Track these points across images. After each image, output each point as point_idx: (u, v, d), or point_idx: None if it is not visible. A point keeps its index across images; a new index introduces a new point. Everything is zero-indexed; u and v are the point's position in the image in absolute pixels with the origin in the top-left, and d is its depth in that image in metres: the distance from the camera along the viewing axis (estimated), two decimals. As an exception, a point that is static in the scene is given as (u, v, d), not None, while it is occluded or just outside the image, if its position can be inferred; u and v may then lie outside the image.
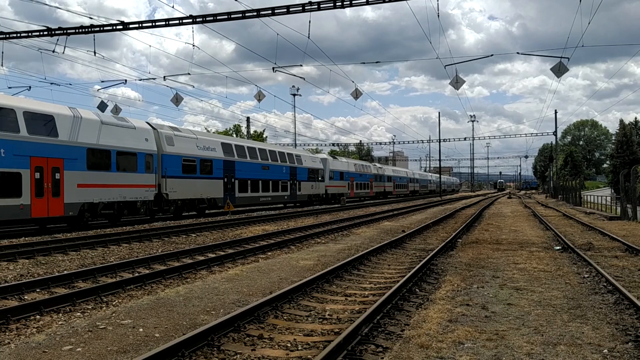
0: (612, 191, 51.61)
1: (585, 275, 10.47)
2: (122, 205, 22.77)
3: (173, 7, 28.32)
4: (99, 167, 21.43)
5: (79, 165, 20.40)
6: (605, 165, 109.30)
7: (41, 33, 21.94)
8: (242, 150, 33.00)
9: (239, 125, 73.17)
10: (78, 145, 20.42)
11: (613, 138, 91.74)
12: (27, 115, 18.50)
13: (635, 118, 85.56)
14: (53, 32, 21.68)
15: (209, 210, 29.91)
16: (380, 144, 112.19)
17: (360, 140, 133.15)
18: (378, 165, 72.19)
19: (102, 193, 21.51)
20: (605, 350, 5.73)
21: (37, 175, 18.53)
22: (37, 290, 9.25)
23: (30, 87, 44.58)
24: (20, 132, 18.09)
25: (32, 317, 7.39)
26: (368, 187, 59.20)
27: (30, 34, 22.30)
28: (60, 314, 7.64)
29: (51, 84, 32.70)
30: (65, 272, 10.72)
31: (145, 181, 23.86)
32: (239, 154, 32.29)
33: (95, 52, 23.39)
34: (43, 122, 19.18)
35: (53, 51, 22.53)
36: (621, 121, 75.70)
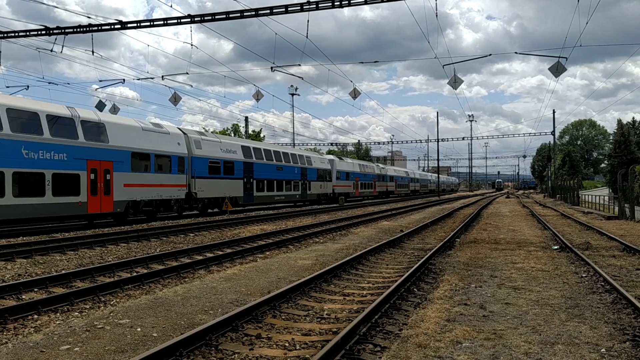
0: (610, 191, 51.69)
1: (583, 275, 10.48)
2: (159, 203, 25.09)
3: (171, 6, 28.44)
4: (140, 169, 23.93)
5: (125, 167, 22.88)
6: (603, 165, 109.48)
7: (39, 32, 21.89)
8: (259, 152, 35.35)
9: (237, 125, 73.16)
10: (124, 149, 22.90)
11: (611, 138, 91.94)
12: (83, 123, 21.05)
13: (633, 118, 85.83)
14: (51, 32, 21.64)
15: (232, 208, 32.08)
16: (379, 143, 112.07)
17: (359, 140, 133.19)
18: (381, 165, 73.81)
19: (143, 192, 23.93)
20: (602, 350, 5.74)
21: (92, 176, 21.10)
22: (35, 289, 9.24)
23: (28, 86, 44.55)
24: (79, 138, 20.64)
25: (29, 317, 7.38)
26: (372, 187, 61.15)
27: (28, 33, 22.26)
28: (58, 314, 7.63)
29: (49, 83, 32.66)
30: (63, 271, 10.71)
31: (177, 181, 26.37)
32: (256, 156, 34.61)
33: (93, 52, 23.34)
34: (96, 129, 21.80)
35: (51, 50, 22.50)
36: (619, 121, 75.78)
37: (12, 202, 17.64)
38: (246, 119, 59.33)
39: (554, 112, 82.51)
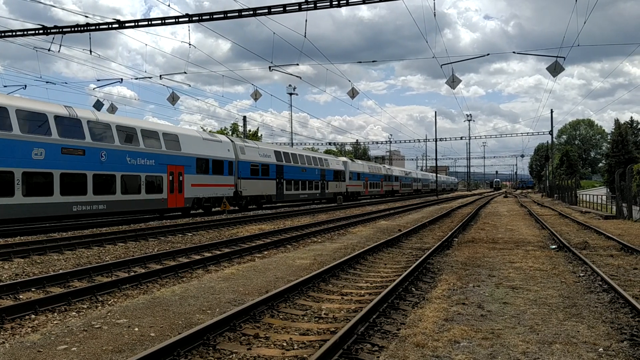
0: (608, 190, 51.77)
1: (581, 274, 10.50)
2: (214, 200, 30.03)
3: (169, 5, 28.31)
4: (202, 172, 28.75)
5: (192, 170, 27.82)
6: (600, 165, 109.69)
7: (37, 32, 21.85)
8: (288, 156, 40.37)
9: (236, 124, 73.12)
10: (191, 156, 27.93)
11: (608, 137, 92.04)
12: (164, 136, 26.26)
13: (631, 117, 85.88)
14: (49, 31, 21.60)
15: (266, 204, 38.01)
16: (377, 143, 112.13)
17: (357, 140, 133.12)
18: (387, 166, 78.55)
19: (204, 190, 28.99)
20: (600, 349, 5.75)
21: (170, 178, 26.22)
22: (32, 289, 9.22)
23: (25, 85, 44.41)
24: (162, 147, 25.80)
25: (27, 317, 7.37)
26: (379, 187, 66.11)
27: (26, 33, 22.21)
28: (56, 314, 7.61)
29: (47, 82, 32.64)
30: (61, 271, 10.68)
31: (228, 182, 31.43)
32: (286, 160, 39.41)
33: (91, 51, 23.30)
34: (173, 140, 26.88)
35: (49, 50, 22.46)
36: (616, 121, 76.01)
37: (121, 198, 23.19)
38: (244, 118, 59.33)
39: (551, 111, 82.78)
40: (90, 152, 21.64)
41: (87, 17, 20.58)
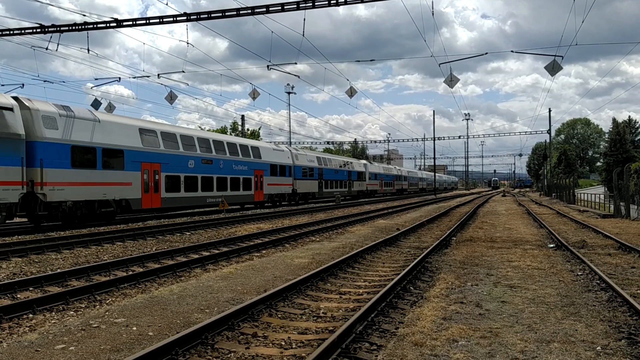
0: (606, 189, 51.84)
1: (579, 273, 10.51)
2: (280, 196, 39.03)
3: (167, 4, 28.05)
4: (274, 174, 37.62)
5: (267, 173, 36.66)
6: (598, 164, 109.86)
7: (34, 30, 21.80)
8: (326, 161, 49.43)
9: (236, 123, 73.09)
10: (267, 162, 36.78)
11: (606, 136, 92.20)
12: (252, 148, 35.31)
13: (629, 117, 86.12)
14: (46, 30, 21.55)
15: (311, 200, 46.00)
16: (375, 142, 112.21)
17: (355, 139, 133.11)
18: (398, 167, 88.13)
19: (275, 189, 37.82)
20: (598, 348, 5.75)
21: (256, 179, 34.99)
22: (30, 288, 9.20)
23: (23, 84, 44.31)
24: (251, 157, 34.63)
25: (24, 316, 7.35)
26: (392, 185, 74.75)
27: (23, 31, 22.16)
28: (53, 313, 7.60)
29: (44, 81, 32.58)
30: (59, 270, 10.66)
31: (288, 182, 40.16)
32: (324, 164, 48.35)
33: (88, 50, 23.27)
34: (257, 151, 35.97)
35: (46, 48, 22.42)
36: (614, 120, 76.20)
37: (229, 194, 31.49)
38: (242, 117, 59.38)
39: (549, 110, 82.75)
40: (214, 161, 30.19)
41: (84, 15, 20.68)
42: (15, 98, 18.95)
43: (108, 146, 22.05)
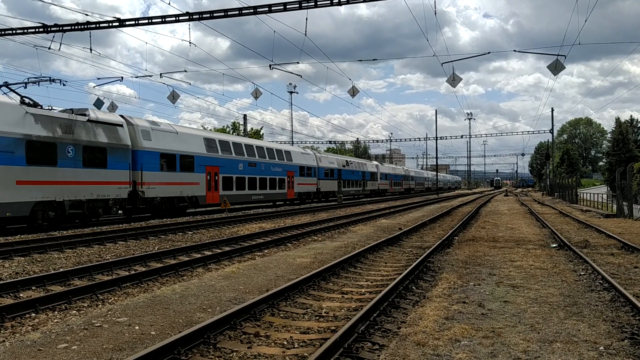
0: (609, 189, 51.73)
1: (582, 273, 10.49)
2: (307, 194, 43.94)
3: (169, 3, 28.24)
4: (302, 175, 42.67)
5: (297, 174, 41.47)
6: (601, 163, 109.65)
7: (37, 30, 21.82)
8: (345, 163, 55.10)
9: (237, 123, 73.12)
10: (297, 164, 41.72)
11: (609, 136, 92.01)
12: (285, 152, 40.55)
13: (631, 116, 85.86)
14: (49, 29, 21.57)
15: (331, 198, 50.30)
16: (377, 141, 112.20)
17: (357, 138, 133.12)
18: (405, 168, 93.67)
19: (303, 187, 42.94)
20: (601, 348, 5.74)
21: (288, 179, 39.66)
22: (33, 288, 9.22)
23: (26, 84, 44.25)
24: (284, 160, 39.53)
25: (27, 315, 7.37)
26: (400, 185, 79.25)
27: (26, 31, 22.19)
28: (56, 312, 7.62)
29: (47, 80, 32.55)
30: (61, 269, 10.68)
31: (313, 182, 45.34)
32: (343, 166, 53.79)
33: (91, 49, 23.27)
34: (289, 155, 41.07)
35: (49, 48, 22.43)
36: (617, 119, 75.99)
37: (269, 192, 36.66)
38: (244, 117, 59.33)
39: (552, 110, 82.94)
40: (257, 164, 34.98)
41: (87, 15, 20.71)
42: (122, 116, 23.97)
43: (184, 153, 27.06)
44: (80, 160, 20.61)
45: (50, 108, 20.90)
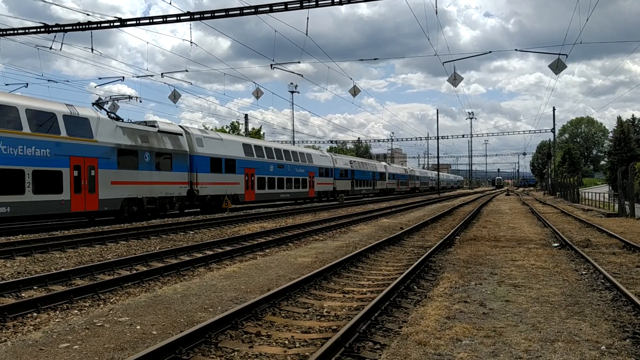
0: (610, 188, 51.67)
1: (583, 272, 10.48)
2: (325, 193, 48.45)
3: (170, 3, 28.03)
4: (321, 175, 46.79)
5: (317, 175, 45.79)
6: (603, 162, 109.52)
7: (38, 30, 21.86)
8: (357, 164, 59.45)
9: (236, 122, 73.13)
10: (316, 166, 45.67)
11: (610, 135, 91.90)
12: (307, 155, 44.08)
13: (633, 115, 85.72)
14: (50, 29, 21.60)
15: (345, 196, 53.53)
16: (379, 141, 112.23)
17: (359, 138, 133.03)
18: (410, 167, 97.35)
19: (322, 187, 47.19)
20: (603, 347, 5.73)
21: (309, 179, 43.96)
22: (35, 287, 9.23)
23: (27, 84, 44.33)
24: (306, 162, 43.41)
25: (29, 315, 7.38)
26: (406, 184, 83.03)
27: (27, 31, 22.22)
28: (58, 312, 7.62)
29: (48, 80, 32.68)
30: (63, 269, 10.70)
31: (330, 182, 49.20)
32: (356, 167, 58.10)
33: (92, 49, 23.30)
34: (310, 157, 44.99)
35: (50, 48, 22.45)
36: (619, 118, 75.95)
37: (293, 191, 40.83)
38: (246, 116, 59.37)
39: (554, 109, 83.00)
40: (285, 166, 39.34)
41: (88, 15, 20.75)
42: (180, 126, 28.45)
43: (227, 157, 31.24)
44: (154, 164, 24.80)
45: (130, 121, 25.06)
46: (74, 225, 21.26)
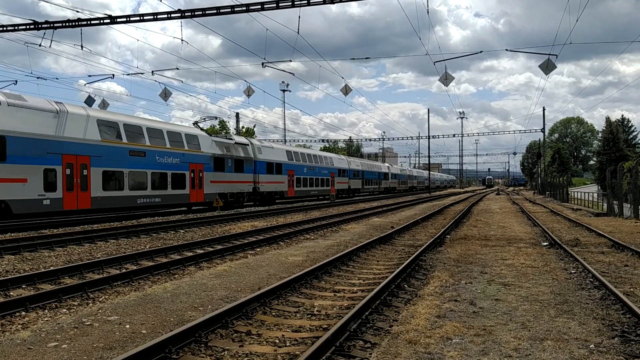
0: (599, 188, 52.09)
1: (572, 271, 10.55)
2: (342, 191, 55.07)
3: (161, 0, 27.83)
4: (340, 175, 53.71)
5: (337, 175, 52.83)
6: (592, 162, 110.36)
7: (28, 27, 21.65)
8: (367, 165, 65.91)
9: (224, 121, 72.88)
10: (336, 168, 52.39)
11: (599, 135, 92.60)
12: (331, 159, 52.52)
13: (622, 116, 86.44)
14: (40, 26, 21.40)
15: (357, 194, 61.00)
16: (370, 140, 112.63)
17: (350, 137, 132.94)
18: (409, 169, 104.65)
19: (341, 186, 54.15)
20: (591, 346, 5.77)
21: (330, 179, 50.32)
22: (23, 286, 9.15)
23: (16, 81, 43.95)
24: (329, 164, 50.70)
25: (17, 314, 7.31)
26: (406, 183, 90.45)
27: (16, 28, 22.00)
28: (46, 311, 7.56)
29: (37, 78, 32.34)
30: (52, 268, 10.62)
31: (345, 181, 56.02)
32: (366, 168, 64.88)
33: (82, 46, 23.11)
34: (331, 160, 52.05)
35: (40, 45, 22.26)
36: (607, 118, 76.51)
37: (320, 189, 47.42)
38: (237, 115, 59.20)
39: (544, 109, 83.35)
40: (314, 168, 46.71)
41: (78, 12, 20.54)
42: (247, 138, 37.37)
43: (277, 162, 39.00)
44: (233, 168, 32.69)
45: (218, 136, 34.10)
46: (63, 224, 21.09)
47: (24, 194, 18.66)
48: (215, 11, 19.83)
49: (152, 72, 29.87)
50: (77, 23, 20.93)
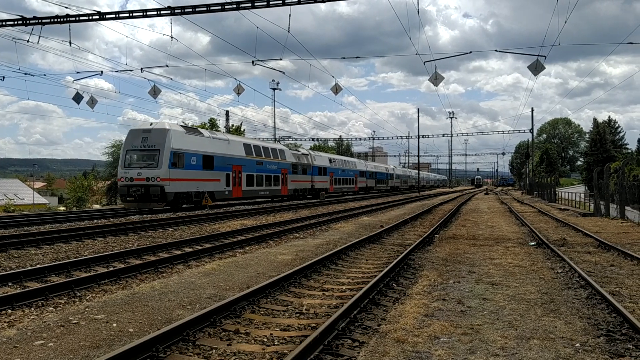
0: (586, 188, 52.54)
1: (559, 271, 10.64)
2: (363, 189, 66.53)
3: (151, -3, 27.86)
4: (363, 177, 66.79)
5: (360, 176, 65.63)
6: (579, 163, 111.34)
7: (15, 22, 21.41)
8: (377, 167, 76.42)
9: (213, 119, 72.59)
10: (357, 170, 64.89)
11: (587, 136, 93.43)
12: (356, 163, 67.58)
13: (609, 117, 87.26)
14: (28, 22, 21.18)
15: (370, 192, 71.65)
16: (360, 139, 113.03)
17: (340, 136, 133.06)
18: (409, 169, 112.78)
19: (361, 184, 66.02)
20: (577, 344, 5.83)
21: (354, 179, 63.60)
22: (9, 284, 9.06)
23: (4, 77, 43.54)
24: (354, 167, 64.08)
25: (3, 312, 7.24)
26: (406, 183, 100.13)
27: (4, 23, 21.75)
28: (33, 309, 7.50)
29: (25, 74, 32.02)
30: (38, 265, 10.52)
31: (364, 180, 67.40)
32: (376, 169, 74.38)
33: (70, 43, 22.89)
34: (354, 163, 65.28)
35: (27, 41, 22.02)
36: (595, 119, 77.24)
37: (347, 187, 61.68)
38: (227, 113, 59.16)
39: (532, 110, 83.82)
40: (345, 171, 59.00)
41: (66, 8, 20.37)
42: (306, 149, 52.53)
43: (323, 166, 51.64)
44: (301, 171, 45.81)
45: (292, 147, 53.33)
46: (52, 221, 20.91)
47: (219, 188, 32.16)
48: (205, 8, 19.73)
49: (142, 69, 29.68)
50: (65, 19, 20.72)
